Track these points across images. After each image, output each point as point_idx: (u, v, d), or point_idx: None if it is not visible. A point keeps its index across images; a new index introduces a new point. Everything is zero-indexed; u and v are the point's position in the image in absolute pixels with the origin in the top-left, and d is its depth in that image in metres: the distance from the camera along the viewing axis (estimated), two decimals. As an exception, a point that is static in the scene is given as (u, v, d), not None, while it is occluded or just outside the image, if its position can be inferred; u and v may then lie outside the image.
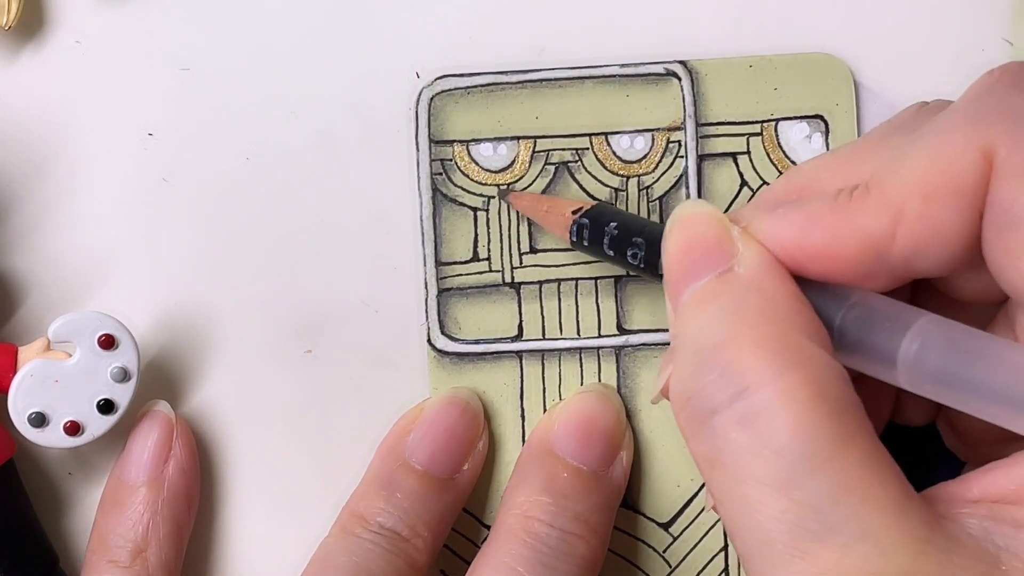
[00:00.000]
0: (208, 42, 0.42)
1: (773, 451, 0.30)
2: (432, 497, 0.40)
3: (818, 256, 0.32)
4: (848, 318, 0.32)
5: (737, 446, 0.30)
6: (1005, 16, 0.42)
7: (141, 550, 0.40)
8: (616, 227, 0.37)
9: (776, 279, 0.32)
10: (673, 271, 0.33)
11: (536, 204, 0.40)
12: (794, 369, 0.30)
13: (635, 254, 0.37)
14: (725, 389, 0.30)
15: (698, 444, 0.31)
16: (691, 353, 0.32)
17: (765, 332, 0.31)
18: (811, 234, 0.32)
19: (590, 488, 0.40)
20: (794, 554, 0.29)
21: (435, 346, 0.42)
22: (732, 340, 0.31)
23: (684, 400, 0.32)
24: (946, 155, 0.31)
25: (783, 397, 0.30)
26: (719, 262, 0.32)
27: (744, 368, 0.30)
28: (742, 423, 0.30)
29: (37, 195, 0.42)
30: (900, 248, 0.31)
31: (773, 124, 0.41)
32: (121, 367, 0.39)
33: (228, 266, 0.42)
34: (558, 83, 0.41)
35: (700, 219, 0.33)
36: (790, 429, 0.30)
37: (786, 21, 0.41)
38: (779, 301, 0.32)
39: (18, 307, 0.42)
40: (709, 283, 0.32)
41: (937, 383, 0.31)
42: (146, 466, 0.40)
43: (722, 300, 0.32)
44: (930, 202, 0.31)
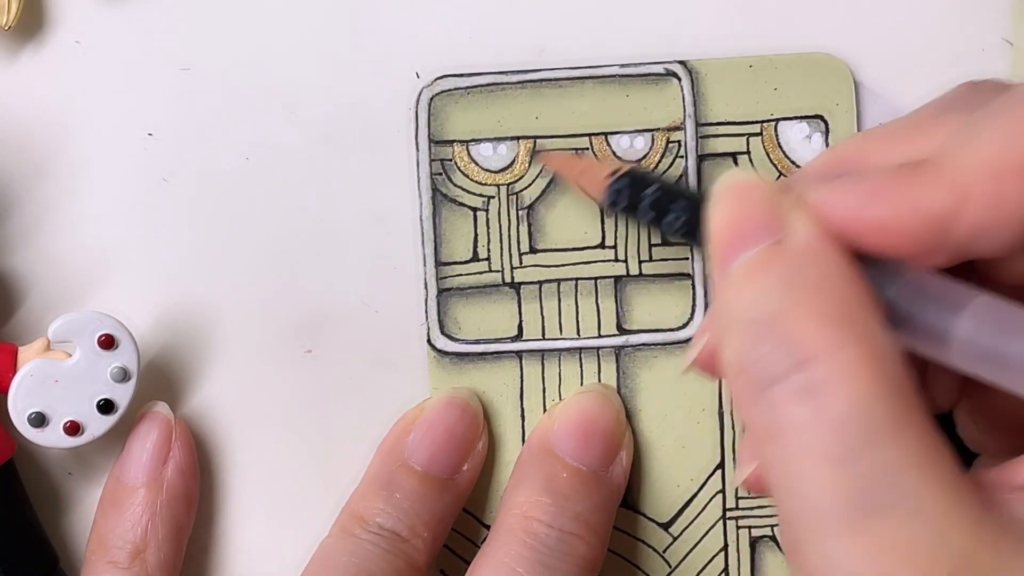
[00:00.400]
0: (208, 42, 0.42)
1: (832, 424, 0.29)
2: (432, 497, 0.40)
3: (878, 230, 0.31)
4: (901, 293, 0.32)
5: (795, 418, 0.30)
6: (1005, 16, 0.42)
7: (140, 551, 0.40)
8: (658, 189, 0.37)
9: (832, 251, 0.31)
10: (722, 239, 0.32)
11: (570, 164, 0.40)
12: (855, 343, 0.30)
13: (677, 217, 0.36)
14: (784, 360, 0.30)
15: (754, 415, 0.31)
16: (747, 323, 0.31)
17: (824, 304, 0.30)
18: (871, 207, 0.31)
19: (590, 488, 0.40)
20: (847, 529, 0.29)
21: (435, 346, 0.42)
22: (791, 311, 0.30)
23: (739, 370, 0.31)
24: (1017, 135, 0.30)
25: (844, 370, 0.29)
26: (771, 232, 0.32)
27: (804, 340, 0.30)
28: (801, 395, 0.30)
29: (37, 195, 0.42)
30: (964, 227, 0.31)
31: (773, 124, 0.41)
32: (121, 367, 0.39)
33: (228, 266, 0.42)
34: (558, 83, 0.41)
35: (750, 187, 0.33)
36: (850, 403, 0.29)
37: (786, 21, 0.41)
38: (836, 274, 0.31)
39: (18, 307, 0.42)
40: (762, 253, 0.32)
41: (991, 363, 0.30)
42: (145, 467, 0.40)
43: (777, 271, 0.31)
44: (999, 182, 0.30)
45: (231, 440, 0.42)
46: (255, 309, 0.42)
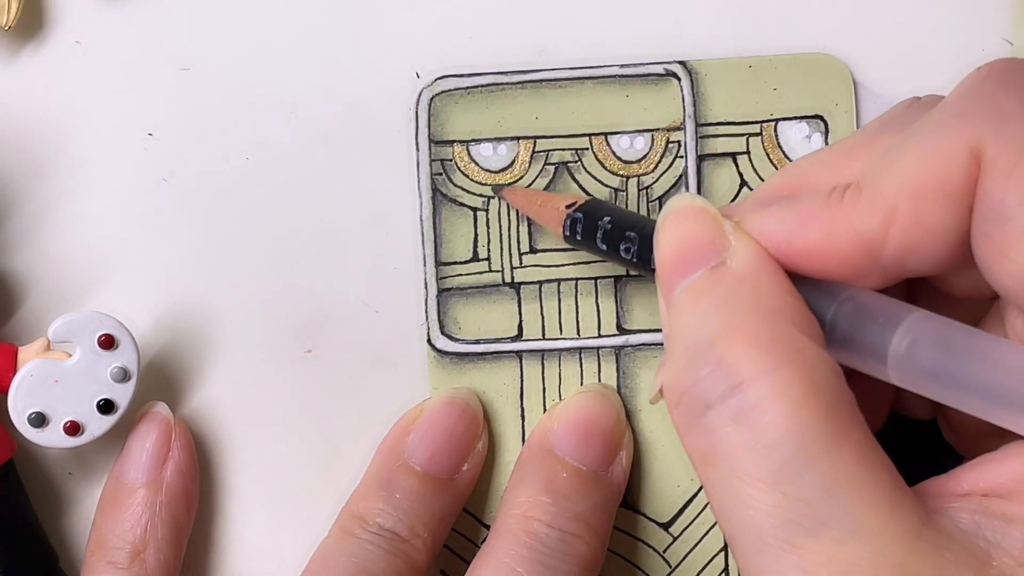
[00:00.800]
0: (208, 42, 0.42)
1: (766, 446, 0.30)
2: (432, 497, 0.40)
3: (811, 254, 0.32)
4: (840, 313, 0.32)
5: (730, 441, 0.30)
6: (1005, 16, 0.42)
7: (140, 551, 0.40)
8: (610, 221, 0.37)
9: (769, 274, 0.32)
10: (665, 265, 0.33)
11: (530, 199, 0.40)
12: (787, 364, 0.30)
13: (628, 248, 0.36)
14: (718, 384, 0.31)
15: (692, 439, 0.31)
16: (683, 348, 0.32)
17: (758, 327, 0.31)
18: (804, 232, 0.32)
19: (590, 488, 0.40)
20: (786, 548, 0.29)
21: (435, 346, 0.42)
22: (725, 335, 0.31)
23: (678, 395, 0.32)
24: (935, 155, 0.31)
25: (776, 392, 0.30)
26: (711, 256, 0.32)
27: (737, 363, 0.30)
28: (735, 418, 0.30)
29: (37, 195, 0.42)
30: (892, 248, 0.31)
31: (773, 124, 0.41)
32: (121, 367, 0.39)
33: (228, 266, 0.42)
34: (558, 83, 0.41)
35: (692, 213, 0.33)
36: (783, 424, 0.30)
37: (786, 21, 0.41)
38: (772, 295, 0.32)
39: (18, 307, 0.42)
40: (701, 277, 0.32)
41: (927, 379, 0.31)
42: (145, 467, 0.40)
43: (714, 295, 0.32)
44: (920, 202, 0.31)
45: (231, 440, 0.42)
46: (255, 309, 0.42)
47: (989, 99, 0.31)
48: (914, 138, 0.32)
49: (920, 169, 0.31)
